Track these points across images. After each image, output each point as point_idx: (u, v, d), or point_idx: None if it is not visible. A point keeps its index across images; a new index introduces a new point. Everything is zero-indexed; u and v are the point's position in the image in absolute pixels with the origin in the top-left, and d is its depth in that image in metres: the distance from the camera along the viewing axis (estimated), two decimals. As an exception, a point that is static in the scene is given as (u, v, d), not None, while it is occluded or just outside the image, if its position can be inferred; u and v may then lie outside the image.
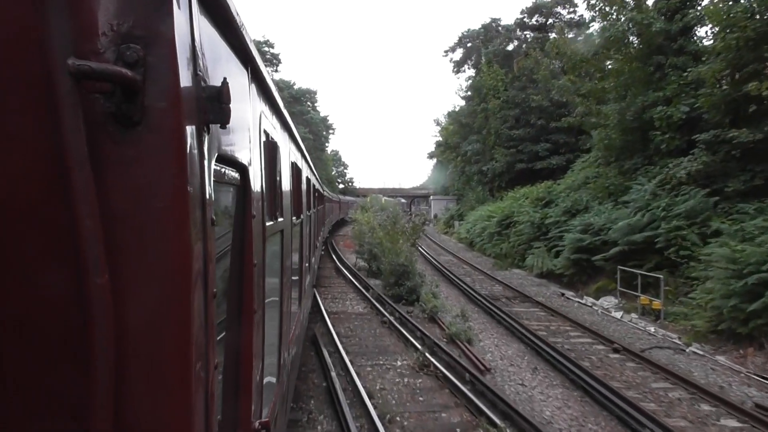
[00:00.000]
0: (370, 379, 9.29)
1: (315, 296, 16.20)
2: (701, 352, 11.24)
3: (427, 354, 10.09)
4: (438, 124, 69.09)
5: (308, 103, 75.18)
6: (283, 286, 3.61)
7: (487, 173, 43.45)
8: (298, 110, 68.90)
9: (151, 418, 1.15)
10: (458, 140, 51.22)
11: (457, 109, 55.40)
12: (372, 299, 16.02)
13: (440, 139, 63.97)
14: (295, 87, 72.36)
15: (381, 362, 10.24)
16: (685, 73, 16.52)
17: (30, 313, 1.07)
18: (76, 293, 1.05)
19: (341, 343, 11.25)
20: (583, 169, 30.95)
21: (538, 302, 16.34)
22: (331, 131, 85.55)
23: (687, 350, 11.39)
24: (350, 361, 10.01)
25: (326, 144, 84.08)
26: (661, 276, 13.53)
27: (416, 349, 10.66)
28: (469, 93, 52.29)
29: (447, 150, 56.24)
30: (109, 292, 1.06)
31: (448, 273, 22.94)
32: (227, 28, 1.70)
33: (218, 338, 1.57)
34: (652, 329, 13.00)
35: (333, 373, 9.05)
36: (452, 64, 57.02)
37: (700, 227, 14.24)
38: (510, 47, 48.43)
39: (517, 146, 39.70)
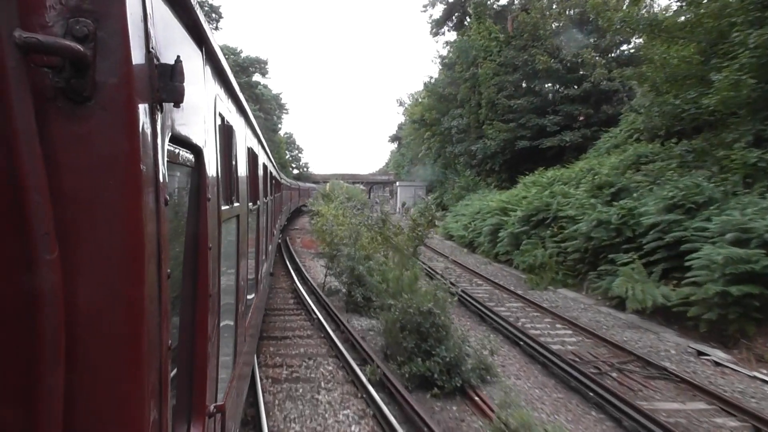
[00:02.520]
0: None
1: (254, 377, 7.94)
2: None
3: None
4: (401, 104, 61.73)
5: (257, 74, 65.54)
6: (239, 271, 3.45)
7: (477, 154, 35.67)
8: (245, 81, 59.32)
9: (102, 399, 1.10)
10: (437, 116, 43.14)
11: (432, 80, 47.16)
12: (372, 391, 7.77)
13: (405, 119, 56.30)
14: (242, 55, 62.64)
15: None
16: None
17: None
18: (25, 269, 0.96)
19: None
20: (617, 147, 23.76)
21: (686, 381, 8.57)
22: (284, 111, 76.76)
23: None
24: None
25: (279, 125, 75.51)
26: None
27: None
28: (446, 61, 44.13)
29: (422, 128, 47.89)
30: (60, 268, 1.02)
31: (461, 294, 14.93)
32: (180, 6, 1.65)
33: (174, 322, 1.59)
34: None
35: None
36: (430, 24, 48.34)
37: None
38: (502, 0, 40.45)
39: (517, 119, 32.05)
